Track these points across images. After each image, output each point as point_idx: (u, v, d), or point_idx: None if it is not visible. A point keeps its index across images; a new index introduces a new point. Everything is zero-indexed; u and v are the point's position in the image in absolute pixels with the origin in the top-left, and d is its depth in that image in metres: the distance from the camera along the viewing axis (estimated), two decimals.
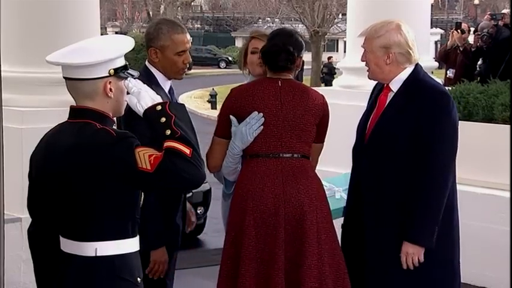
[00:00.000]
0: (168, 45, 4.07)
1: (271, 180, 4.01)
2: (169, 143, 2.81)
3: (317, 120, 4.10)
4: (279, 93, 4.06)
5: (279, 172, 4.03)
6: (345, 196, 4.27)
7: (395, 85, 4.04)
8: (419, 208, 3.90)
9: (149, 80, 4.01)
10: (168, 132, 2.83)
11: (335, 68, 29.49)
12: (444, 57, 10.56)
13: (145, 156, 2.79)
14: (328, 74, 29.99)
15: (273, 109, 4.03)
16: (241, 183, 4.09)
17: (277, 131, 4.03)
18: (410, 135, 3.93)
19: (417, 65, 4.09)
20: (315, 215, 3.99)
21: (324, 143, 4.28)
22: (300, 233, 3.97)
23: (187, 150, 2.81)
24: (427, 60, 7.73)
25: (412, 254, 3.91)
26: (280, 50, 4.07)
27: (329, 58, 33.47)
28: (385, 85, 4.10)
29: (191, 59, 4.21)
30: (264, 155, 4.04)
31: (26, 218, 3.21)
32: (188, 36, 4.16)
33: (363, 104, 4.27)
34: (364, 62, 4.09)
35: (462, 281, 4.14)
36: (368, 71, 4.10)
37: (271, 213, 3.98)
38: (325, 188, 4.18)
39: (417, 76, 4.05)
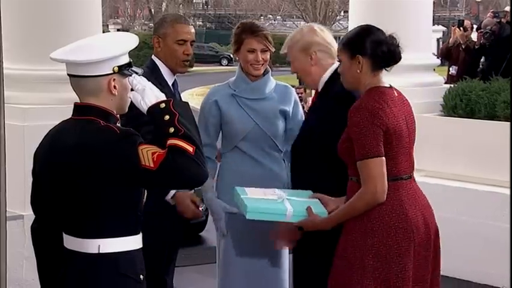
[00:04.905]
0: (169, 32, 4.16)
1: (416, 205, 3.67)
2: (172, 141, 2.81)
3: None
4: (401, 106, 3.70)
5: (417, 196, 3.71)
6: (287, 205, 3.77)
7: (320, 86, 4.06)
8: None
9: (153, 72, 4.03)
10: (172, 130, 2.83)
11: None
12: (446, 54, 10.56)
13: (148, 154, 2.79)
14: None
15: (403, 126, 3.67)
16: (397, 212, 3.63)
17: (407, 150, 3.69)
18: (322, 135, 3.93)
19: None
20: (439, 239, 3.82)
21: None
22: (436, 258, 3.77)
23: (190, 148, 2.80)
24: (429, 57, 7.74)
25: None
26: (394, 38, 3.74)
27: None
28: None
29: (192, 52, 4.23)
30: (399, 178, 3.66)
31: (28, 216, 3.21)
32: (191, 29, 4.24)
33: None
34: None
35: (464, 278, 4.14)
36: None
37: (423, 242, 3.67)
38: (272, 192, 3.82)
39: (335, 75, 3.97)
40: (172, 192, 4.07)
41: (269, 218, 3.69)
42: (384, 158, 3.58)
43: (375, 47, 3.66)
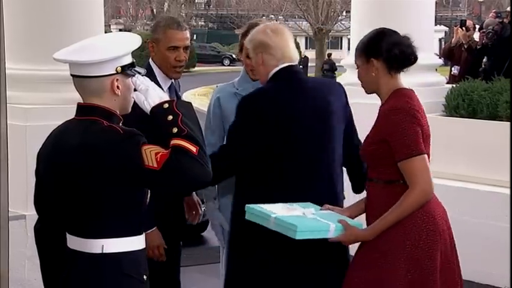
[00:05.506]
0: (161, 38, 4.14)
1: (438, 209, 3.69)
2: (175, 141, 2.81)
3: None
4: (423, 110, 3.72)
5: (437, 199, 3.71)
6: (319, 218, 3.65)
7: None
8: None
9: (148, 76, 4.02)
10: (175, 130, 2.83)
11: (335, 64, 29.56)
12: (449, 54, 10.55)
13: (152, 154, 2.79)
14: (329, 71, 30.00)
15: (428, 129, 3.70)
16: (427, 215, 3.63)
17: (429, 152, 3.68)
18: None
19: (286, 68, 3.92)
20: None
21: None
22: (458, 264, 3.78)
23: (193, 149, 2.80)
24: (431, 57, 7.73)
25: None
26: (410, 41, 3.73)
27: (329, 55, 33.60)
28: None
29: (185, 58, 4.19)
30: None
31: (30, 216, 3.22)
32: (185, 35, 4.17)
33: (365, 102, 4.27)
34: None
35: (464, 278, 4.12)
36: None
37: (448, 244, 3.69)
38: (290, 207, 3.67)
39: (273, 78, 3.94)
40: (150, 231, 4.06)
41: (315, 236, 3.56)
42: (426, 155, 3.58)
43: (388, 49, 3.66)
